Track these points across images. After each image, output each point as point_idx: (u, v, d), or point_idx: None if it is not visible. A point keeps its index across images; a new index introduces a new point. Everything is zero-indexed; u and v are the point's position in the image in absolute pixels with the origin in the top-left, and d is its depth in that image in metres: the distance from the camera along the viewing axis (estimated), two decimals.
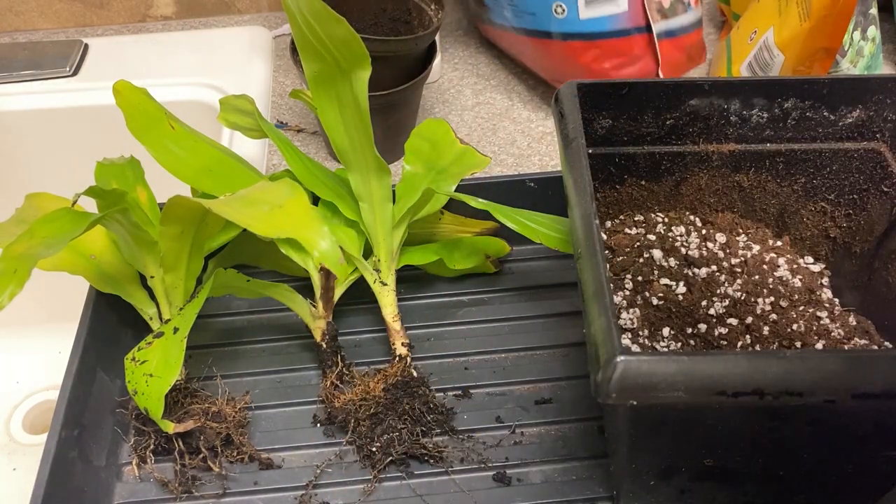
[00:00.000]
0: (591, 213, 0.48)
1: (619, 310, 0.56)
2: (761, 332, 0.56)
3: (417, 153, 0.65)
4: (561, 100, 0.56)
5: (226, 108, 0.65)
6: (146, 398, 0.53)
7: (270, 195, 0.58)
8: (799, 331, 0.56)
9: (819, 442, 0.47)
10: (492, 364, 0.63)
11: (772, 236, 0.63)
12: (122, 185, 0.61)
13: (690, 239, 0.62)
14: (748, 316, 0.56)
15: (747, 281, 0.59)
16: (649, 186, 0.62)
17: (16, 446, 0.82)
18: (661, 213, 0.63)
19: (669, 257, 0.60)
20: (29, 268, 0.46)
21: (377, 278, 0.62)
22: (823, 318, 0.57)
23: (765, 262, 0.61)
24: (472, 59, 0.93)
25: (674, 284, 0.58)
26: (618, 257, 0.60)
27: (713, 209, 0.63)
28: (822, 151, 0.59)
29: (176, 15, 0.99)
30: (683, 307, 0.56)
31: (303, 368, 0.63)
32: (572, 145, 0.53)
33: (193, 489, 0.55)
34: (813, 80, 0.58)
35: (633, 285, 0.58)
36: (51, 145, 0.84)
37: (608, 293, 0.44)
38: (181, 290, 0.60)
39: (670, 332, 0.55)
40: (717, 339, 0.55)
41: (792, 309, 0.58)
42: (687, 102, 0.58)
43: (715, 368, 0.41)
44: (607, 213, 0.63)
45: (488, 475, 0.56)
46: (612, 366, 0.41)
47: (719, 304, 0.57)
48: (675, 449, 0.48)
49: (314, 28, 0.54)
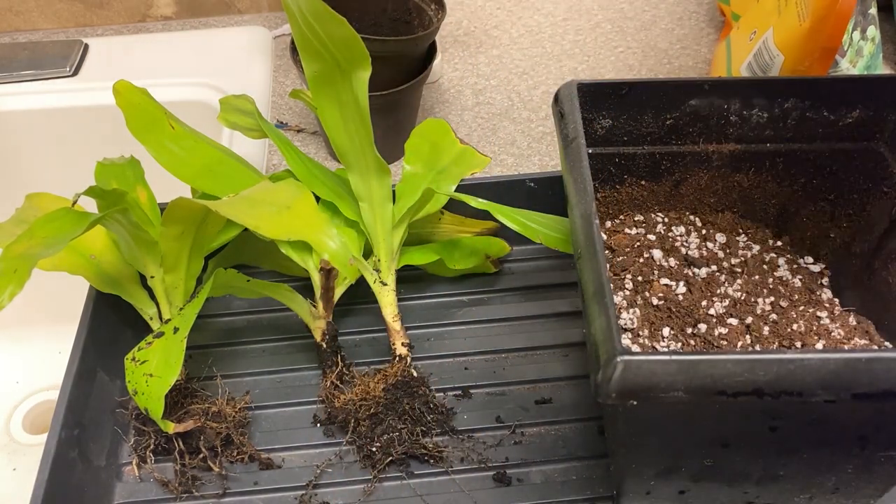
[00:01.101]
0: (591, 213, 0.48)
1: (619, 310, 0.56)
2: (761, 332, 0.56)
3: (417, 153, 0.65)
4: (561, 100, 0.56)
5: (226, 108, 0.65)
6: (146, 398, 0.53)
7: (277, 196, 0.58)
8: (799, 331, 0.56)
9: (819, 442, 0.47)
10: (492, 364, 0.63)
11: (772, 236, 0.63)
12: (122, 185, 0.61)
13: (690, 239, 0.62)
14: (748, 316, 0.56)
15: (747, 281, 0.59)
16: (649, 186, 0.62)
17: (16, 446, 0.82)
18: (661, 213, 0.63)
19: (669, 257, 0.60)
20: (29, 268, 0.46)
21: (377, 278, 0.62)
22: (823, 318, 0.57)
23: (765, 262, 0.61)
24: (472, 59, 0.93)
25: (674, 284, 0.58)
26: (618, 257, 0.60)
27: (713, 209, 0.63)
28: (822, 151, 0.59)
29: (176, 15, 0.99)
30: (683, 307, 0.56)
31: (303, 368, 0.63)
32: (572, 145, 0.53)
33: (193, 489, 0.55)
34: (813, 80, 0.58)
35: (633, 285, 0.58)
36: (51, 145, 0.84)
37: (608, 293, 0.44)
38: (181, 290, 0.60)
39: (670, 332, 0.55)
40: (717, 339, 0.55)
41: (792, 309, 0.58)
42: (687, 102, 0.58)
43: (715, 368, 0.41)
44: (607, 213, 0.63)
45: (488, 475, 0.56)
46: (612, 366, 0.41)
47: (719, 304, 0.57)
48: (675, 449, 0.48)
49: (314, 28, 0.54)
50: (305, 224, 0.58)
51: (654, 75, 0.90)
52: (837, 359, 0.41)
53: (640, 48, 0.94)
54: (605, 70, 0.91)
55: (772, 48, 0.77)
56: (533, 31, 0.97)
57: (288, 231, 0.56)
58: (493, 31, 0.97)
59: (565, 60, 0.93)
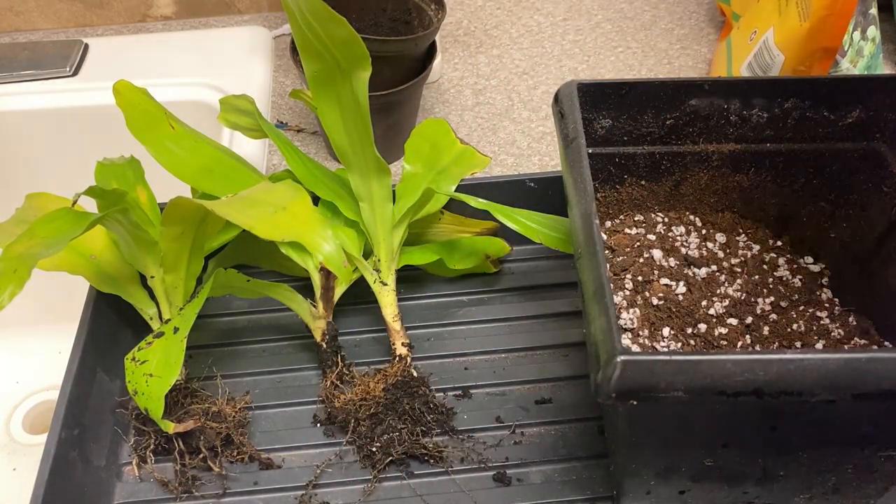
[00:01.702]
0: (591, 213, 0.48)
1: (619, 310, 0.56)
2: (761, 332, 0.56)
3: (417, 153, 0.65)
4: (561, 100, 0.56)
5: (226, 107, 0.65)
6: (146, 398, 0.53)
7: (273, 197, 0.58)
8: (799, 331, 0.56)
9: (819, 442, 0.47)
10: (492, 364, 0.63)
11: (772, 236, 0.63)
12: (122, 185, 0.61)
13: (690, 239, 0.62)
14: (748, 316, 0.56)
15: (747, 281, 0.59)
16: (649, 186, 0.62)
17: (16, 446, 0.81)
18: (661, 213, 0.63)
19: (669, 257, 0.60)
20: (29, 268, 0.46)
21: (377, 278, 0.62)
22: (823, 318, 0.57)
23: (765, 262, 0.61)
24: (472, 59, 0.93)
25: (674, 284, 0.58)
26: (618, 257, 0.60)
27: (713, 209, 0.63)
28: (822, 151, 0.59)
29: (176, 15, 0.99)
30: (683, 307, 0.56)
31: (303, 368, 0.63)
32: (572, 145, 0.53)
33: (193, 489, 0.55)
34: (813, 80, 0.58)
35: (633, 285, 0.58)
36: (51, 145, 0.84)
37: (608, 293, 0.44)
38: (181, 290, 0.60)
39: (670, 332, 0.55)
40: (717, 339, 0.55)
41: (792, 309, 0.58)
42: (687, 102, 0.58)
43: (715, 368, 0.41)
44: (607, 213, 0.63)
45: (488, 475, 0.56)
46: (612, 366, 0.41)
47: (719, 304, 0.57)
48: (674, 449, 0.48)
49: (314, 28, 0.54)
50: (300, 225, 0.58)
51: (654, 75, 0.90)
52: (837, 359, 0.41)
53: (640, 48, 0.94)
54: (605, 70, 0.91)
55: (772, 48, 0.77)
56: (533, 31, 0.97)
57: (283, 232, 0.56)
58: (493, 31, 0.97)
59: (565, 60, 0.93)
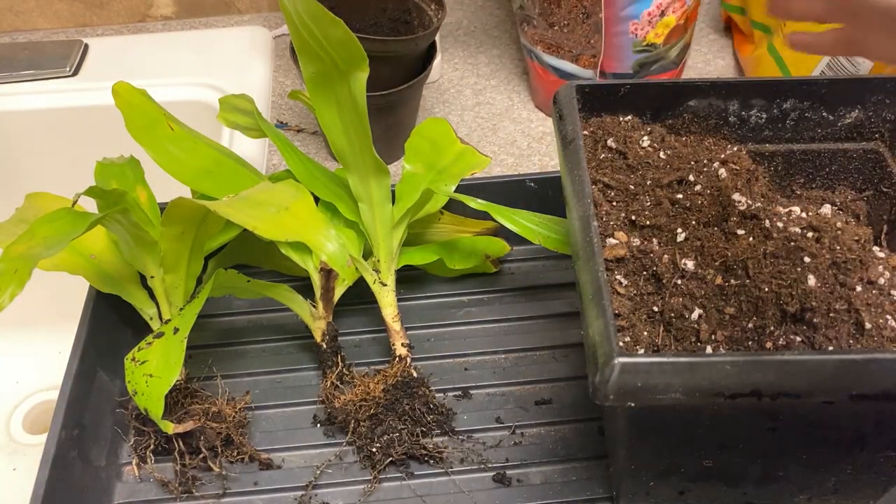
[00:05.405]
0: (589, 215, 0.48)
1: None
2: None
3: (417, 153, 0.65)
4: (560, 100, 0.56)
5: (225, 107, 0.65)
6: (146, 398, 0.53)
7: (275, 197, 0.58)
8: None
9: (818, 442, 0.47)
10: (492, 364, 0.63)
11: None
12: (122, 185, 0.61)
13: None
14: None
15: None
16: None
17: (16, 446, 0.82)
18: None
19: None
20: (29, 268, 0.46)
21: (377, 279, 0.62)
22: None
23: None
24: (472, 59, 0.93)
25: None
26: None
27: None
28: (822, 152, 0.59)
29: (176, 15, 0.99)
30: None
31: (303, 368, 0.63)
32: (571, 146, 0.53)
33: (193, 489, 0.55)
34: (811, 81, 0.58)
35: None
36: (51, 145, 0.84)
37: (606, 295, 0.44)
38: (181, 291, 0.60)
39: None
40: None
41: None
42: (686, 103, 0.58)
43: (712, 370, 0.41)
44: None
45: (488, 476, 0.56)
46: (610, 367, 0.41)
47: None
48: (674, 449, 0.48)
49: (311, 29, 0.54)
50: (303, 225, 0.58)
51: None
52: (835, 360, 0.41)
53: None
54: None
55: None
56: None
57: (286, 232, 0.56)
58: (493, 31, 0.97)
59: None
